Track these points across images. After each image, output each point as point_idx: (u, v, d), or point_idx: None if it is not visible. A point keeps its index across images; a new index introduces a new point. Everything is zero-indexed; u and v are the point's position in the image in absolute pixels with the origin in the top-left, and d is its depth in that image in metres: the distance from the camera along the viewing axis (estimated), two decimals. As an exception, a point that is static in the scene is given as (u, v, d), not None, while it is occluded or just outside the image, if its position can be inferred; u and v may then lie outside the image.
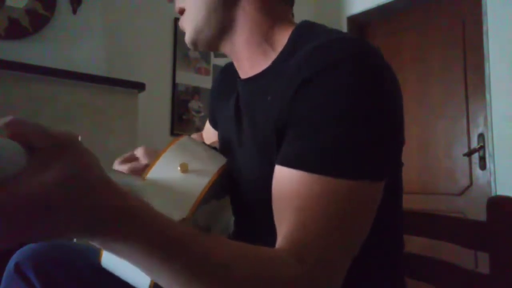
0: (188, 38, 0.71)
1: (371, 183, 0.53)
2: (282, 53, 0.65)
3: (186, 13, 0.70)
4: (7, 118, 0.33)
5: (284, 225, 0.52)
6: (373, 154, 0.53)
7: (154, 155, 0.69)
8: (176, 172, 0.61)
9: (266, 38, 0.67)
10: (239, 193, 0.70)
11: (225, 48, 0.72)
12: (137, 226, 0.38)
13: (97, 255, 0.60)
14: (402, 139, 0.61)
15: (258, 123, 0.64)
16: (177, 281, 0.41)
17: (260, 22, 0.67)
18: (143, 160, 0.71)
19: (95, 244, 0.38)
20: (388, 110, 0.55)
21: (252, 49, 0.68)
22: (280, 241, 0.51)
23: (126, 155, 0.74)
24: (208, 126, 0.97)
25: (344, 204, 0.51)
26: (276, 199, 0.55)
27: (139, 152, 0.73)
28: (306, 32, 0.64)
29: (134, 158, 0.73)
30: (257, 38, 0.67)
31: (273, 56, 0.67)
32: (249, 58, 0.69)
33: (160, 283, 0.43)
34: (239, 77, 0.74)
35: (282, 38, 0.66)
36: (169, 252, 0.40)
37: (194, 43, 0.71)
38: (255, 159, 0.64)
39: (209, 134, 0.95)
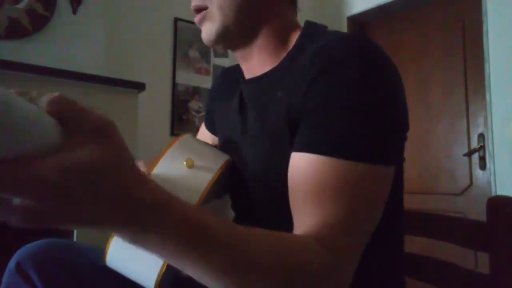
0: (208, 36, 0.70)
1: (384, 167, 0.55)
2: (290, 52, 0.68)
3: (208, 12, 0.69)
4: (53, 94, 0.33)
5: (304, 211, 0.53)
6: (384, 139, 0.56)
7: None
8: (182, 167, 0.62)
9: (282, 42, 0.70)
10: (243, 190, 0.70)
11: (242, 48, 0.72)
12: (166, 216, 0.38)
13: (101, 254, 0.60)
14: (407, 125, 0.63)
15: (268, 118, 0.66)
16: (204, 268, 0.41)
17: (280, 29, 0.70)
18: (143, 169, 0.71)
19: (121, 235, 0.37)
20: (394, 99, 0.59)
21: (268, 51, 0.71)
22: (300, 227, 0.52)
23: None
24: (202, 130, 0.97)
25: (361, 187, 0.53)
26: (293, 185, 0.56)
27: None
28: (311, 33, 0.67)
29: None
30: (275, 42, 0.70)
31: (282, 55, 0.69)
32: (262, 59, 0.71)
33: (186, 271, 0.43)
34: (243, 77, 0.76)
35: (293, 39, 0.70)
36: (197, 240, 0.40)
37: (216, 41, 0.70)
38: (266, 152, 0.66)
39: (204, 137, 0.95)
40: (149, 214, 0.37)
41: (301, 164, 0.55)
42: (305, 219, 0.52)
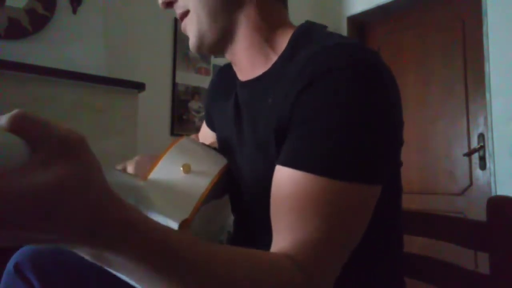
0: (191, 43, 0.71)
1: (367, 186, 0.53)
2: (282, 56, 0.66)
3: (188, 18, 0.70)
4: (14, 112, 0.31)
5: (280, 226, 0.52)
6: (371, 158, 0.54)
7: (145, 164, 0.69)
8: (178, 172, 0.62)
9: (268, 42, 0.68)
10: (239, 192, 0.70)
11: (227, 51, 0.72)
12: (134, 237, 0.36)
13: None
14: (401, 140, 0.61)
15: (258, 124, 0.65)
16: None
17: (262, 25, 0.68)
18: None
19: (85, 255, 0.36)
20: (387, 114, 0.56)
21: (253, 52, 0.69)
22: (277, 243, 0.51)
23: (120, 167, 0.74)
24: (204, 128, 0.97)
25: (341, 207, 0.51)
26: (273, 199, 0.55)
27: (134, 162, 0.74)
28: (305, 35, 0.65)
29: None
30: (259, 41, 0.68)
31: (274, 58, 0.67)
32: (250, 61, 0.69)
33: None
34: (238, 79, 0.74)
35: (283, 40, 0.67)
36: (165, 263, 0.38)
37: (198, 48, 0.71)
38: (256, 159, 0.65)
39: (206, 135, 0.95)
40: (120, 234, 0.35)
41: (282, 178, 0.54)
42: (282, 235, 0.51)
